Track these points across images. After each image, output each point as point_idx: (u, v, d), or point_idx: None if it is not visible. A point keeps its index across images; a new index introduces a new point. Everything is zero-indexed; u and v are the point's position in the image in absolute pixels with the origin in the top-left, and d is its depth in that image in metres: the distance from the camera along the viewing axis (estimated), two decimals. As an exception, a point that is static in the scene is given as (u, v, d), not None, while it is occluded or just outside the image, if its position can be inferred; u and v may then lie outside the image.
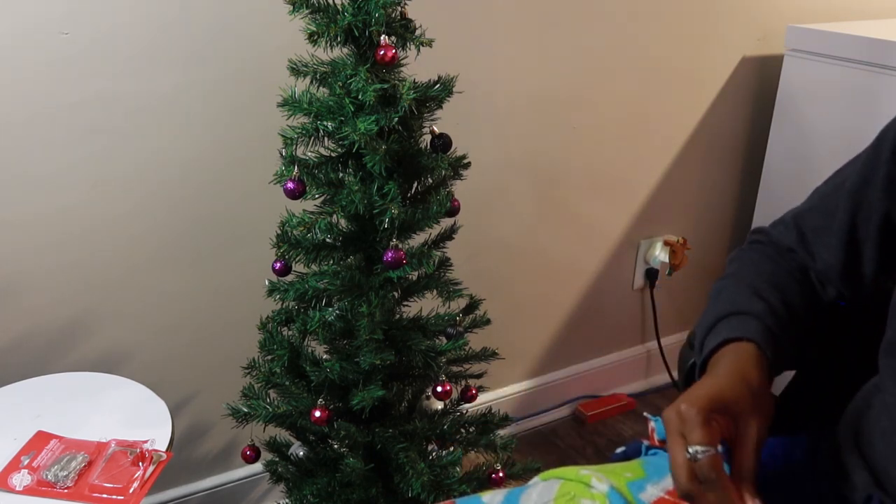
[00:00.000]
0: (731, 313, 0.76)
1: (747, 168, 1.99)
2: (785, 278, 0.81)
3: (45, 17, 1.12)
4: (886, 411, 0.71)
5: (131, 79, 1.20)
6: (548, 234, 1.74)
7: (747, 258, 0.85)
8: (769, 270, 0.82)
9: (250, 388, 1.16)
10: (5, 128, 1.15)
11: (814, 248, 0.81)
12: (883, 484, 0.71)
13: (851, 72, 1.63)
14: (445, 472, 1.15)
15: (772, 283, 0.80)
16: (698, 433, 0.61)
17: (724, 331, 0.75)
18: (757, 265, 0.83)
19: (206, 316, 1.41)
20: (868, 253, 0.77)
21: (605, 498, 0.73)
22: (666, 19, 1.69)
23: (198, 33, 1.23)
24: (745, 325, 0.74)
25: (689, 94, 1.81)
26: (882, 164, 0.73)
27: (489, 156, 1.58)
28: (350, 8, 0.94)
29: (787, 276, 0.82)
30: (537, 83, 1.58)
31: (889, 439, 0.70)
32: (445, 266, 1.13)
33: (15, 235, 1.21)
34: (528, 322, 1.82)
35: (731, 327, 0.75)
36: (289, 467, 1.22)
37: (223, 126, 1.30)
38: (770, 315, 0.75)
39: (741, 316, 0.76)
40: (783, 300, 0.78)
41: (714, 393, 0.65)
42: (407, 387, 1.18)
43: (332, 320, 1.08)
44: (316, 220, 1.00)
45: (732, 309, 0.77)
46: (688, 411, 0.63)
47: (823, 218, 0.80)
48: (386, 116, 0.96)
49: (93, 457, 0.98)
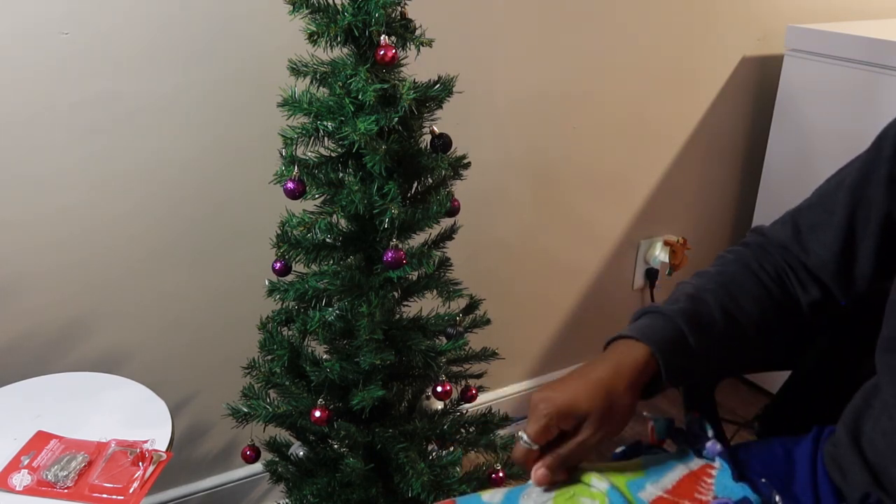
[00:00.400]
0: (651, 311, 0.79)
1: (747, 168, 1.99)
2: (747, 280, 0.81)
3: (45, 17, 1.12)
4: (886, 411, 0.71)
5: (131, 79, 1.20)
6: (548, 234, 1.74)
7: (721, 259, 0.86)
8: (731, 272, 0.82)
9: (250, 388, 1.16)
10: (5, 128, 1.15)
11: (809, 243, 0.81)
12: (882, 483, 0.71)
13: (851, 72, 1.63)
14: (445, 472, 1.15)
15: (724, 284, 0.80)
16: (533, 429, 0.72)
17: (633, 326, 0.78)
18: (724, 265, 0.84)
19: (206, 316, 1.41)
20: (865, 251, 0.77)
21: (604, 497, 0.73)
22: (666, 19, 1.69)
23: (198, 33, 1.23)
24: (649, 326, 0.76)
25: (689, 94, 1.81)
26: (883, 163, 0.73)
27: (489, 156, 1.58)
28: (350, 8, 0.94)
29: (751, 279, 0.81)
30: (537, 83, 1.58)
31: (889, 439, 0.70)
32: (445, 266, 1.13)
33: (15, 235, 1.21)
34: (528, 322, 1.82)
35: (638, 325, 0.77)
36: (289, 467, 1.22)
37: (223, 126, 1.30)
38: (686, 316, 0.76)
39: (655, 315, 0.78)
40: (723, 305, 0.78)
41: (570, 402, 0.72)
42: (407, 387, 1.18)
43: (332, 320, 1.08)
44: (316, 220, 1.00)
45: (655, 307, 0.79)
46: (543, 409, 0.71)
47: (821, 214, 0.80)
48: (386, 116, 0.96)
49: (93, 457, 0.98)
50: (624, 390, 0.73)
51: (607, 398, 0.72)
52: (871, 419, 0.74)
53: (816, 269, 0.81)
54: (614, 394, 0.73)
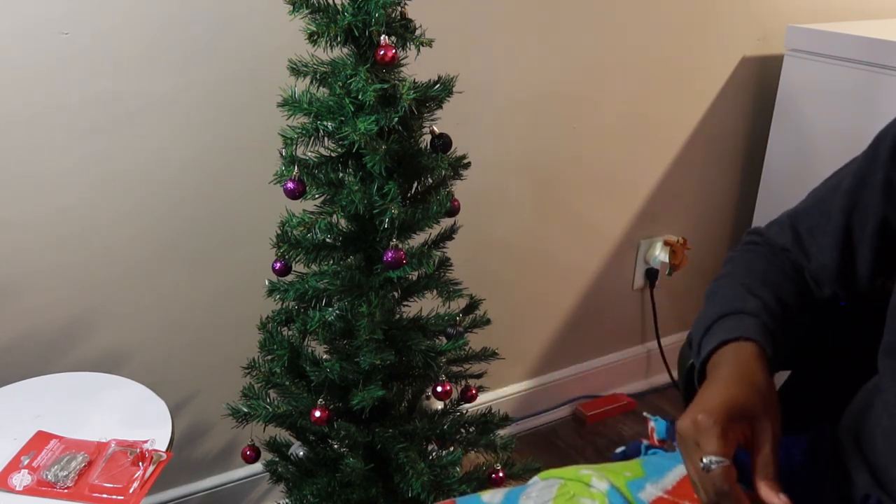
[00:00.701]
0: (727, 313, 0.76)
1: (747, 168, 1.99)
2: (778, 276, 0.81)
3: (45, 17, 1.12)
4: (887, 411, 0.71)
5: (131, 79, 1.20)
6: (548, 234, 1.74)
7: (741, 259, 0.85)
8: (762, 269, 0.82)
9: (250, 388, 1.16)
10: (5, 128, 1.15)
11: (808, 248, 0.81)
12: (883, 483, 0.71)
13: (851, 72, 1.63)
14: (445, 472, 1.15)
15: (765, 280, 0.80)
16: (713, 444, 0.62)
17: (721, 332, 0.75)
18: (750, 264, 0.83)
19: (206, 316, 1.41)
20: (863, 255, 0.77)
21: (604, 497, 0.73)
22: (666, 19, 1.69)
23: (198, 33, 1.23)
24: (743, 324, 0.74)
25: (689, 94, 1.81)
26: (880, 168, 0.73)
27: (489, 156, 1.58)
28: (350, 8, 0.94)
29: (780, 274, 0.82)
30: (537, 83, 1.58)
31: (890, 439, 0.70)
32: (445, 266, 1.13)
33: (15, 235, 1.21)
34: (528, 322, 1.82)
35: (728, 328, 0.74)
36: (289, 467, 1.22)
37: (223, 126, 1.30)
38: (765, 312, 0.75)
39: (737, 315, 0.75)
40: (777, 297, 0.78)
41: (728, 401, 0.65)
42: (407, 387, 1.18)
43: (331, 320, 1.08)
44: (316, 220, 1.00)
45: (728, 309, 0.77)
46: (704, 421, 0.63)
47: (818, 218, 0.80)
48: (386, 116, 0.96)
49: (93, 457, 0.98)
50: (766, 382, 0.69)
51: (759, 392, 0.67)
52: (872, 419, 0.74)
53: (818, 273, 0.81)
54: (762, 387, 0.68)
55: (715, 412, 0.63)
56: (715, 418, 0.63)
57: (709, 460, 0.61)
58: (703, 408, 0.64)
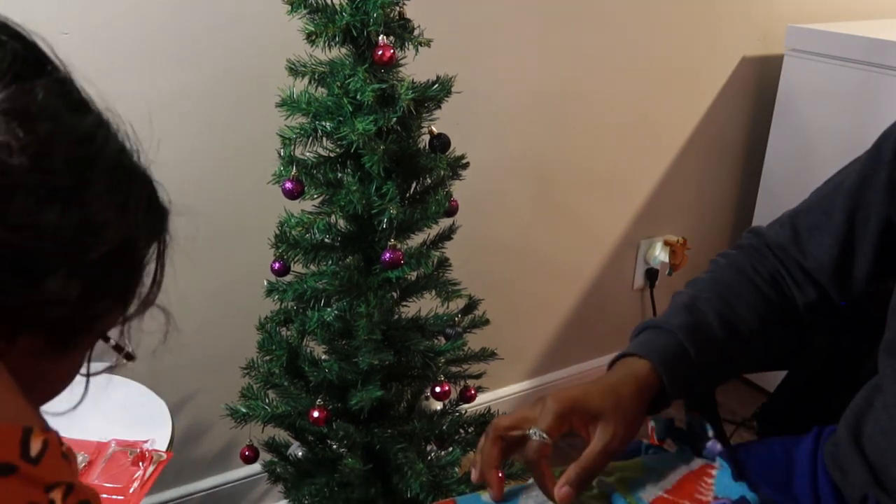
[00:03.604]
0: (651, 326, 0.78)
1: (747, 168, 1.99)
2: (742, 286, 0.81)
3: (45, 17, 1.12)
4: (887, 411, 0.71)
5: (131, 79, 1.20)
6: (547, 234, 1.74)
7: (717, 265, 0.86)
8: (727, 280, 0.82)
9: (249, 388, 1.16)
10: (4, 128, 1.15)
11: (807, 245, 0.81)
12: (882, 482, 0.71)
13: (851, 72, 1.63)
14: (444, 473, 1.15)
15: (720, 293, 0.80)
16: (546, 421, 0.69)
17: (634, 343, 0.77)
18: (719, 273, 0.84)
19: (204, 316, 1.40)
20: (863, 254, 0.76)
21: (604, 497, 0.73)
22: (666, 19, 1.69)
23: (197, 33, 1.23)
24: (651, 342, 0.76)
25: (689, 94, 1.81)
26: (883, 168, 0.73)
27: (488, 156, 1.57)
28: (348, 8, 0.94)
29: (746, 284, 0.81)
30: (537, 83, 1.58)
31: (890, 438, 0.70)
32: (444, 266, 1.13)
33: (14, 236, 1.20)
34: (528, 322, 1.81)
35: (639, 342, 0.77)
36: (287, 467, 1.22)
37: (222, 126, 1.30)
38: (687, 330, 0.76)
39: (656, 330, 0.77)
40: (722, 313, 0.78)
41: (580, 396, 0.71)
42: (406, 387, 1.18)
43: (330, 320, 1.07)
44: (314, 221, 1.00)
45: (655, 322, 0.78)
46: (550, 404, 0.69)
47: (820, 217, 0.80)
48: (384, 116, 0.96)
49: (93, 457, 0.98)
50: (631, 396, 0.72)
51: (616, 399, 0.71)
52: (873, 418, 0.74)
53: (813, 272, 0.81)
54: (623, 397, 0.71)
55: (562, 402, 0.70)
56: (560, 405, 0.69)
57: (534, 431, 0.69)
58: (556, 394, 0.71)
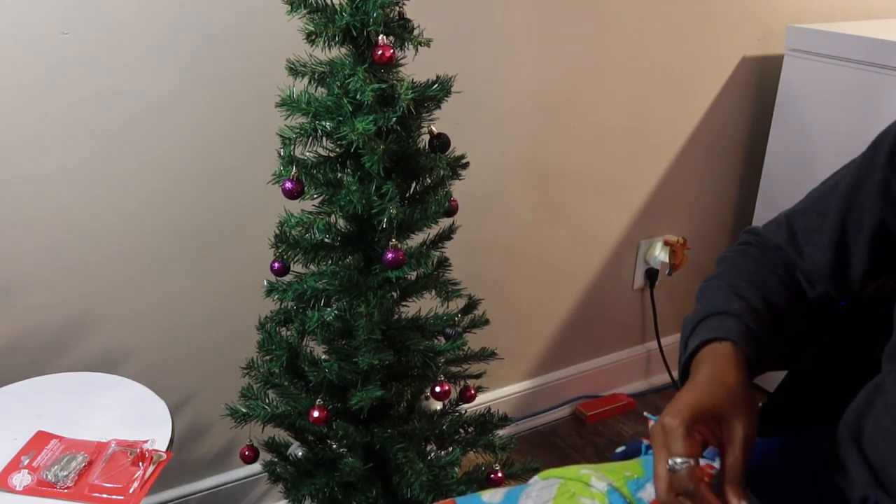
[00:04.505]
0: (710, 314, 0.77)
1: (747, 168, 1.99)
2: (767, 276, 0.82)
3: (45, 17, 1.12)
4: (888, 411, 0.71)
5: (131, 79, 1.21)
6: (547, 234, 1.74)
7: (732, 259, 0.86)
8: (751, 269, 0.82)
9: (249, 388, 1.16)
10: (5, 128, 1.15)
11: (803, 247, 0.81)
12: (883, 483, 0.71)
13: (851, 72, 1.63)
14: (444, 473, 1.15)
15: (753, 281, 0.80)
16: (678, 445, 0.64)
17: (703, 332, 0.76)
18: (740, 265, 0.84)
19: (204, 316, 1.41)
20: (857, 256, 0.77)
21: (604, 497, 0.73)
22: (666, 19, 1.69)
23: (197, 33, 1.23)
24: (722, 325, 0.75)
25: (689, 94, 1.81)
26: (877, 170, 0.73)
27: (488, 156, 1.58)
28: (348, 8, 0.94)
29: (770, 274, 0.82)
30: (537, 83, 1.58)
31: (890, 438, 0.70)
32: (444, 266, 1.13)
33: (15, 235, 1.21)
34: (528, 322, 1.82)
35: (709, 328, 0.75)
36: (287, 467, 1.22)
37: (222, 126, 1.30)
38: (748, 313, 0.76)
39: (719, 316, 0.76)
40: (763, 298, 0.78)
41: (692, 402, 0.67)
42: (406, 387, 1.18)
43: (330, 320, 1.08)
44: (314, 220, 1.00)
45: (712, 310, 0.78)
46: (670, 423, 0.65)
47: (815, 218, 0.80)
48: (384, 116, 0.96)
49: (93, 457, 0.98)
50: (737, 381, 0.70)
51: (728, 392, 0.68)
52: (873, 418, 0.74)
53: (812, 272, 0.81)
54: (732, 386, 0.69)
55: (679, 414, 0.65)
56: (679, 420, 0.65)
57: (674, 461, 0.63)
58: (670, 411, 0.66)
